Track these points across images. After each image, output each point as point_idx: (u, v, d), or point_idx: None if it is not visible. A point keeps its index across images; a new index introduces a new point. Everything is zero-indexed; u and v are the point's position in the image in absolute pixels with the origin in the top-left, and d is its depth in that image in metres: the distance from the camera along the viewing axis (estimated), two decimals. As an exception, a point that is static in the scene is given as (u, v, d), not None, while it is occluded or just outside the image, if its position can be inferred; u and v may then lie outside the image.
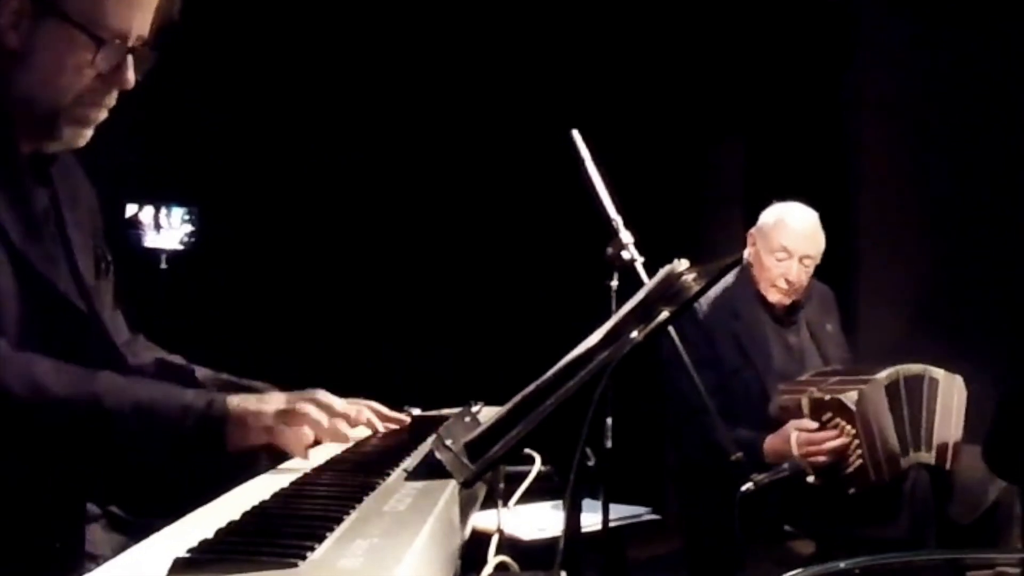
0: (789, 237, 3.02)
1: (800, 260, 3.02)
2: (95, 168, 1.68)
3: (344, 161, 5.01)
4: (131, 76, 1.49)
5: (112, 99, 1.50)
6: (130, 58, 1.48)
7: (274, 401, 1.40)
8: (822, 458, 2.73)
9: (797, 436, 2.75)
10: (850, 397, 2.72)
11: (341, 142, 5.00)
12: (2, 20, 1.40)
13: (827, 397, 2.76)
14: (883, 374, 2.81)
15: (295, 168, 4.94)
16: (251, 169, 4.84)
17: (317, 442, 1.76)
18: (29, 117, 1.45)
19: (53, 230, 1.50)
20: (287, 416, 1.38)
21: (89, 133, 1.51)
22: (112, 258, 1.63)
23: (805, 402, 2.78)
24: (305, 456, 1.41)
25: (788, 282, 3.02)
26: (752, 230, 3.12)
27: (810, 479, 2.73)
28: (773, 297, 3.06)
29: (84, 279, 1.52)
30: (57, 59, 1.43)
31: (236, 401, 1.37)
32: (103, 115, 1.51)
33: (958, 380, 2.94)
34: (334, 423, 1.43)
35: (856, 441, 2.71)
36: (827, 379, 2.87)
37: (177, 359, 1.81)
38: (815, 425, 2.75)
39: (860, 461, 2.71)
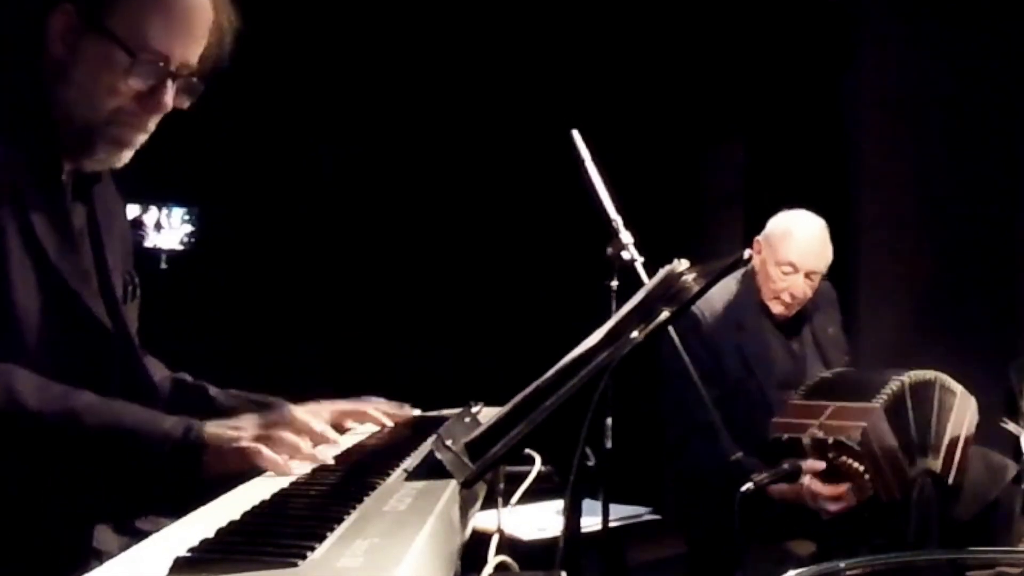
0: (796, 252, 2.95)
1: (807, 275, 2.96)
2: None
3: (344, 161, 5.01)
4: (168, 100, 1.49)
5: (152, 123, 1.51)
6: (170, 82, 1.49)
7: (248, 425, 1.37)
8: (834, 510, 2.65)
9: (809, 482, 2.64)
10: (853, 438, 2.61)
11: (341, 142, 5.00)
12: (53, 29, 1.43)
13: (830, 440, 2.64)
14: (879, 400, 2.69)
15: (295, 168, 4.94)
16: (251, 169, 4.84)
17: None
18: (67, 133, 1.47)
19: (88, 248, 1.51)
20: (264, 441, 1.35)
21: (128, 155, 1.52)
22: (139, 281, 1.63)
23: (807, 443, 2.67)
24: (289, 472, 1.36)
25: (792, 296, 2.97)
26: (759, 237, 3.06)
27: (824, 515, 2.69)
28: (775, 309, 3.01)
29: (115, 298, 1.53)
30: (94, 74, 1.45)
31: (212, 428, 1.35)
32: (142, 138, 1.52)
33: (973, 402, 2.89)
34: (312, 452, 1.38)
35: (866, 476, 2.62)
36: (824, 408, 2.73)
37: (186, 377, 1.81)
38: (823, 465, 2.63)
39: (871, 492, 2.66)
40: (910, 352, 3.11)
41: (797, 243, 2.95)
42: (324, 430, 1.42)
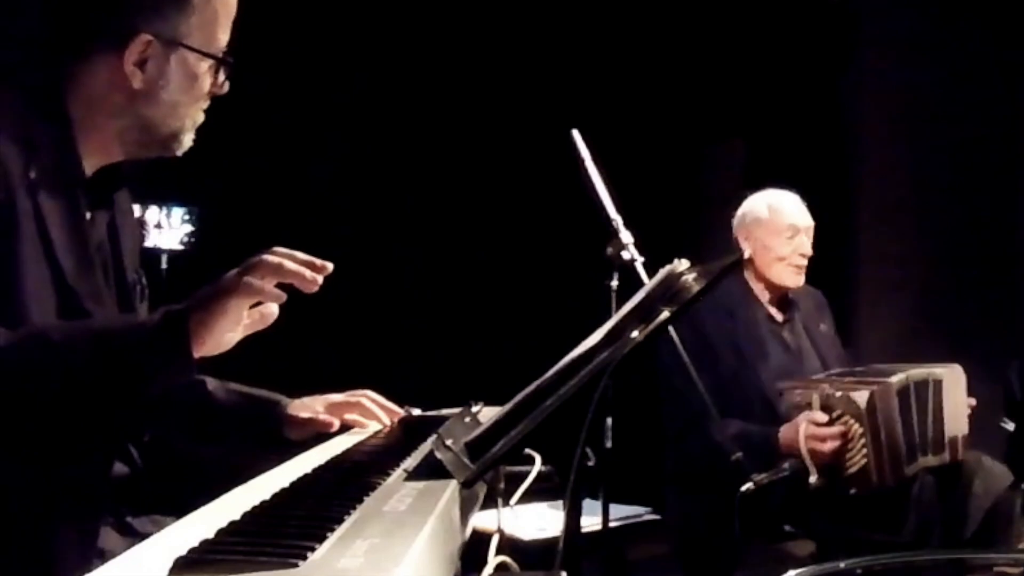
0: (791, 215, 3.08)
1: (806, 233, 3.08)
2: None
3: (344, 161, 5.00)
4: (227, 82, 1.57)
5: (207, 102, 1.58)
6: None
7: (225, 278, 1.35)
8: (826, 449, 2.71)
9: (805, 427, 2.74)
10: (861, 396, 2.71)
11: (341, 142, 5.00)
12: (127, 67, 1.46)
13: (838, 394, 2.75)
14: (895, 377, 2.78)
15: (295, 168, 4.93)
16: (251, 169, 4.83)
17: (332, 435, 1.77)
18: (151, 138, 1.53)
19: (107, 260, 1.52)
20: (247, 271, 1.34)
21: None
22: (147, 282, 1.64)
23: (815, 399, 2.77)
24: (277, 296, 1.36)
25: (803, 256, 3.06)
26: (741, 228, 3.13)
27: (812, 479, 2.71)
28: (792, 280, 3.07)
29: (132, 313, 1.54)
30: (184, 88, 1.51)
31: (189, 299, 1.34)
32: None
33: (957, 370, 2.92)
34: (297, 267, 1.39)
35: (863, 440, 2.69)
36: (841, 379, 2.87)
37: None
38: (825, 418, 2.74)
39: (864, 461, 2.69)
40: (909, 352, 3.11)
41: (788, 208, 3.10)
42: (310, 258, 1.41)
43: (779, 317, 3.13)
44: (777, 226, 3.06)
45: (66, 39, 1.49)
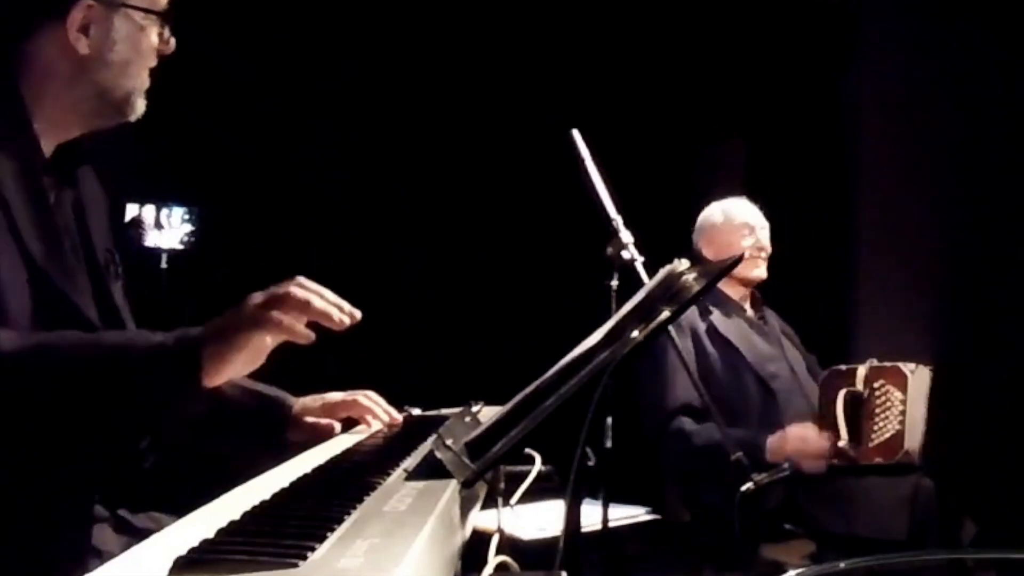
0: (744, 215, 3.22)
1: (761, 231, 3.19)
2: (96, 169, 1.68)
3: (344, 161, 5.00)
4: (173, 40, 1.56)
5: (155, 61, 1.57)
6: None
7: (244, 306, 1.31)
8: (811, 455, 2.72)
9: (791, 431, 2.76)
10: (908, 366, 2.80)
11: (341, 142, 5.00)
12: (71, 34, 1.46)
13: (888, 364, 2.83)
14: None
15: (295, 168, 4.94)
16: (251, 169, 4.84)
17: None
18: (106, 104, 1.52)
19: (75, 240, 1.51)
20: (271, 305, 1.30)
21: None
22: (120, 258, 1.63)
23: (863, 370, 2.82)
24: (304, 333, 1.31)
25: (762, 249, 3.17)
26: (701, 237, 3.25)
27: (842, 443, 2.72)
28: (756, 272, 3.16)
29: (106, 291, 1.53)
30: (133, 47, 1.51)
31: (206, 325, 1.30)
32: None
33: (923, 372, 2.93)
34: (325, 306, 1.34)
35: (901, 408, 2.74)
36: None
37: None
38: (814, 430, 2.77)
39: (899, 428, 2.72)
40: (910, 352, 3.11)
41: (740, 210, 3.24)
42: (338, 301, 1.37)
43: (752, 314, 3.22)
44: (733, 225, 3.20)
45: (6, 17, 1.48)
